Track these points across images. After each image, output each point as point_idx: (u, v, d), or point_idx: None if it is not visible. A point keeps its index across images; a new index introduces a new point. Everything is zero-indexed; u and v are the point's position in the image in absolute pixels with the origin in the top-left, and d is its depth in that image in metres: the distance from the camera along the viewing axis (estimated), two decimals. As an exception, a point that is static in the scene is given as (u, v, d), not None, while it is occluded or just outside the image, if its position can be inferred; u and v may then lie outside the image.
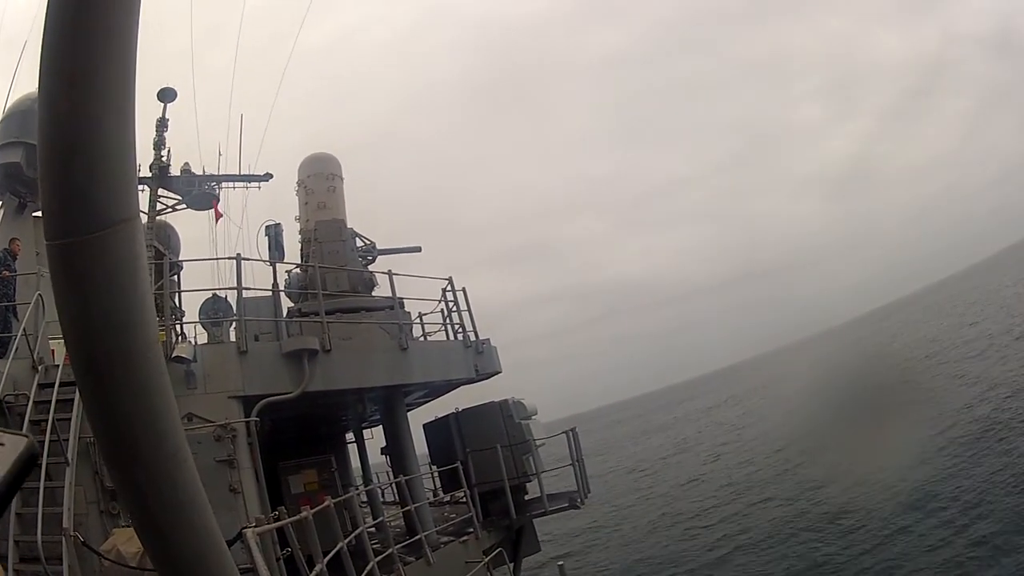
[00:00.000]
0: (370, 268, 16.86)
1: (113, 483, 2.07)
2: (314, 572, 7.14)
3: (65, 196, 1.55)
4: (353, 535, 9.78)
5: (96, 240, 1.55)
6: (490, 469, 14.41)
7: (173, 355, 9.97)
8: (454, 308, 15.20)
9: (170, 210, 16.74)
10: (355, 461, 20.39)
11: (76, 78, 1.52)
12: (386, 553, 10.75)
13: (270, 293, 13.19)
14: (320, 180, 16.74)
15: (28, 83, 13.53)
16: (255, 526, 6.25)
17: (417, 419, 16.90)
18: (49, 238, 1.58)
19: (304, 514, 7.47)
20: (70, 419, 8.85)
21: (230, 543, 5.45)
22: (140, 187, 15.80)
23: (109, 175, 1.56)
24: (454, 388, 16.26)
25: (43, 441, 8.46)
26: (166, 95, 15.91)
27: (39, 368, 9.53)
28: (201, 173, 16.86)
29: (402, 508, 13.68)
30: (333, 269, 15.16)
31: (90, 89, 1.52)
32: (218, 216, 16.64)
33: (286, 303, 15.01)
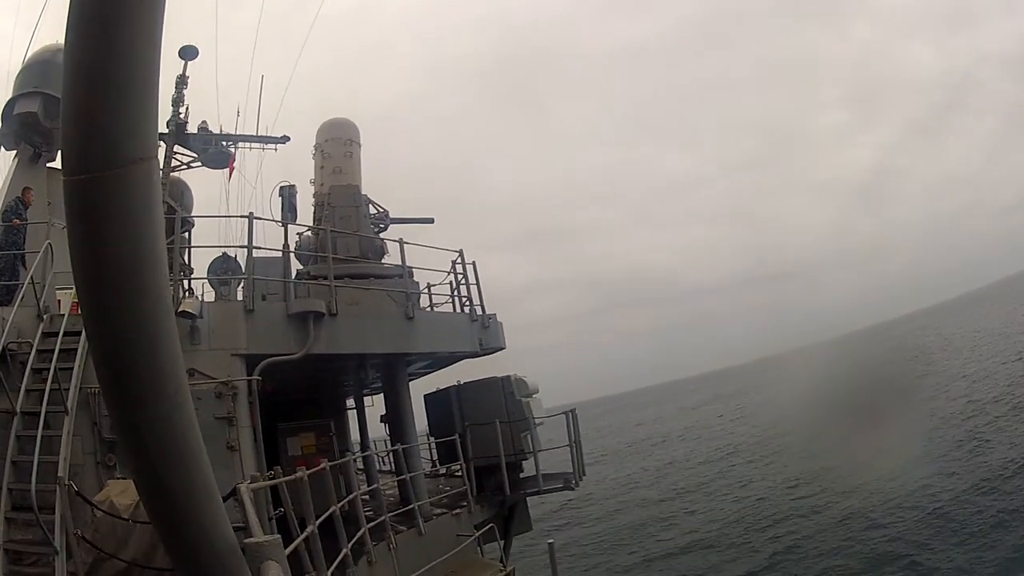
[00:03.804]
0: (382, 236, 16.84)
1: (112, 424, 2.07)
2: (305, 533, 7.18)
3: (86, 132, 1.53)
4: (346, 500, 9.83)
5: (113, 176, 1.53)
6: (487, 444, 14.48)
7: (179, 310, 9.96)
8: (463, 281, 15.20)
9: (185, 167, 16.71)
10: (355, 431, 20.47)
11: (106, 15, 1.50)
12: (378, 520, 10.82)
13: (280, 254, 13.18)
14: (338, 145, 16.67)
15: (47, 36, 13.62)
16: (250, 483, 6.27)
17: (419, 389, 16.97)
18: (67, 174, 1.57)
19: (300, 474, 7.50)
20: (72, 368, 8.88)
21: (224, 498, 5.45)
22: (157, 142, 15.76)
23: (131, 113, 1.54)
24: (457, 360, 16.31)
25: (44, 390, 8.52)
26: (188, 52, 15.85)
27: (44, 317, 9.54)
28: (218, 132, 16.84)
29: (397, 477, 13.75)
30: (344, 234, 15.13)
31: (118, 26, 1.50)
32: (231, 170, 16.66)
33: (296, 265, 14.99)
